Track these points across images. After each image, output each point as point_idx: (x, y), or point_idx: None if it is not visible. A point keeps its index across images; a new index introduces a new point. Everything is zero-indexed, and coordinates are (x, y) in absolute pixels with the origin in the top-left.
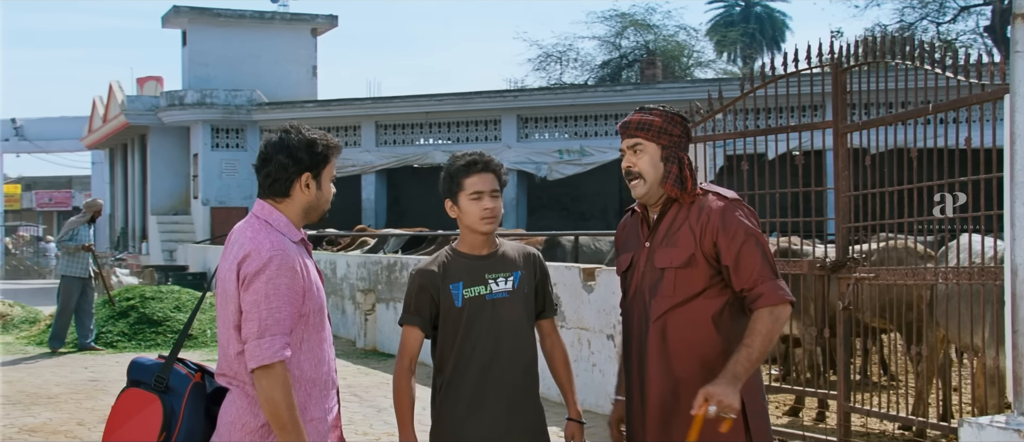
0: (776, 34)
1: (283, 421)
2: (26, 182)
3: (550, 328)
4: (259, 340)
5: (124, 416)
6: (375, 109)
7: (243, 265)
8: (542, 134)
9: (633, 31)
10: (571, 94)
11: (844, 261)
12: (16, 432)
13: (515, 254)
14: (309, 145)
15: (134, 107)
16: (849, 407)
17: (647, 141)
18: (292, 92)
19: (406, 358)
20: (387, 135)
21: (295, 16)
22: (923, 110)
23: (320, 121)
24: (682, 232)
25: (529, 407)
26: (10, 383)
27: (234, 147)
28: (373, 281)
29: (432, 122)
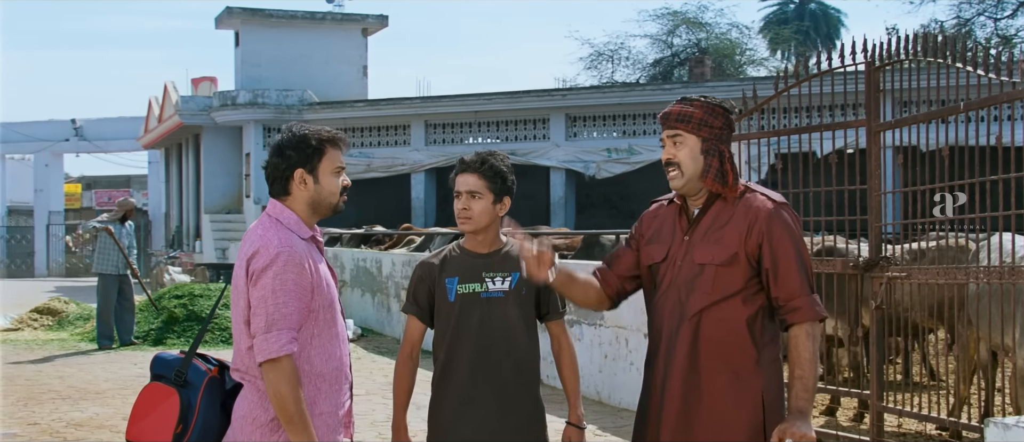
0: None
1: (290, 414)
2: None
3: (558, 330)
4: (266, 335)
5: (146, 409)
6: (424, 108)
7: (252, 262)
8: (590, 133)
9: (685, 29)
10: (619, 93)
11: (876, 260)
12: (63, 426)
13: (518, 255)
14: (299, 142)
15: (188, 107)
16: (882, 407)
17: (687, 133)
18: (343, 92)
19: (407, 346)
20: (436, 134)
21: (346, 16)
22: (954, 108)
23: (370, 120)
24: (727, 229)
25: (522, 407)
26: (61, 378)
27: None
28: None
29: (481, 121)
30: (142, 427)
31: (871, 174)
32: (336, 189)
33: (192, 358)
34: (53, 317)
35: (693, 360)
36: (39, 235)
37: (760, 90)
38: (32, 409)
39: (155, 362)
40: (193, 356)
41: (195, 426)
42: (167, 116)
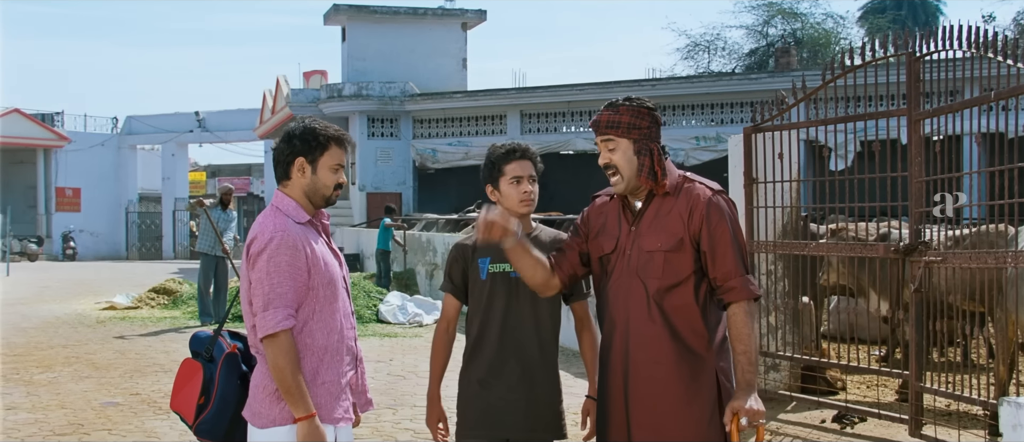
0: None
1: (287, 385)
2: (211, 170)
3: (582, 312)
4: (264, 313)
5: (181, 383)
6: (520, 99)
7: (250, 247)
8: (680, 121)
9: (780, 20)
10: (707, 83)
11: (916, 245)
12: (161, 396)
13: (547, 239)
14: (307, 134)
15: (297, 100)
16: (920, 387)
17: (618, 138)
18: (443, 84)
19: (444, 322)
20: (531, 123)
21: (446, 11)
22: (986, 97)
23: (468, 110)
24: (671, 217)
25: (545, 378)
26: (166, 353)
27: (388, 136)
28: None
29: (574, 110)
30: (178, 399)
31: (911, 161)
32: (331, 183)
33: (218, 337)
34: (168, 296)
35: (653, 340)
36: (166, 220)
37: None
38: (136, 380)
39: (192, 340)
40: (218, 335)
41: (215, 399)
42: (279, 108)
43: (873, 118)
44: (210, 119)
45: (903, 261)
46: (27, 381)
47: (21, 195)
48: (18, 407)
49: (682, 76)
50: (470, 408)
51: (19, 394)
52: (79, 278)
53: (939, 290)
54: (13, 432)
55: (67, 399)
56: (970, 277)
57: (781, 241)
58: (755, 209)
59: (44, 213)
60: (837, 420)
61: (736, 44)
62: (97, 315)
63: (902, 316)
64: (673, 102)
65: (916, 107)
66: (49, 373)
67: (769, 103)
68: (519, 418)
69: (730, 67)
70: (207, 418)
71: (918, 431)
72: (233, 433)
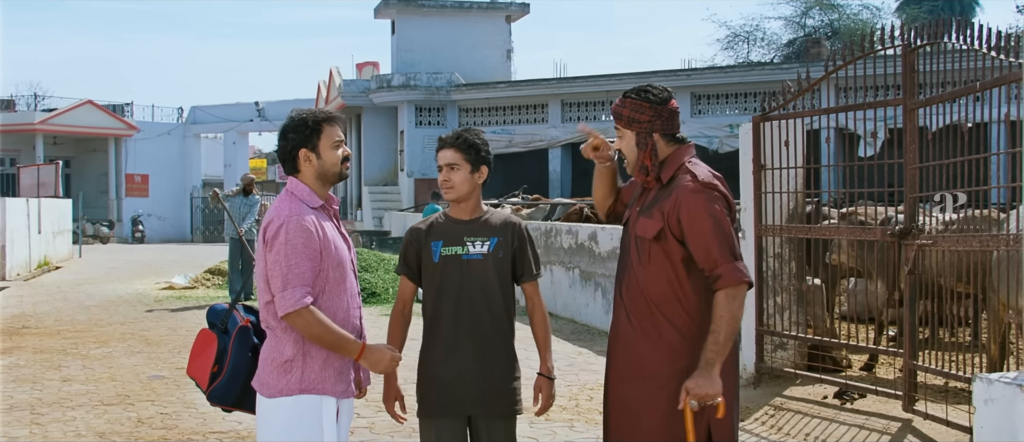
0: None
1: (331, 342)
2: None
3: (531, 291)
4: (283, 292)
5: (197, 352)
6: (560, 88)
7: (267, 230)
8: (714, 110)
9: (818, 11)
10: (740, 72)
11: (910, 228)
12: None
13: (497, 222)
14: (298, 125)
15: (349, 90)
16: (914, 365)
17: (623, 128)
18: (488, 74)
19: (399, 304)
20: (571, 112)
21: (491, 4)
22: (972, 88)
23: (511, 100)
24: (656, 207)
25: (500, 355)
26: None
27: (435, 124)
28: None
29: (612, 99)
30: (194, 366)
31: (907, 148)
32: (337, 160)
33: (232, 310)
34: (222, 277)
35: (626, 320)
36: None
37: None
38: (183, 355)
39: (209, 312)
40: (233, 308)
41: (227, 368)
42: (332, 98)
43: (871, 107)
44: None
45: (899, 244)
46: (84, 355)
47: (94, 181)
48: (73, 379)
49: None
50: (430, 388)
51: (75, 367)
52: (144, 260)
53: (931, 273)
54: (66, 401)
55: (118, 372)
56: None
57: (787, 225)
58: (763, 194)
59: (115, 198)
60: (838, 396)
61: (775, 35)
62: (156, 294)
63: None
64: (708, 91)
65: (912, 96)
66: (104, 348)
67: (776, 93)
68: (476, 395)
69: (768, 57)
70: (220, 385)
71: (911, 406)
72: (243, 399)
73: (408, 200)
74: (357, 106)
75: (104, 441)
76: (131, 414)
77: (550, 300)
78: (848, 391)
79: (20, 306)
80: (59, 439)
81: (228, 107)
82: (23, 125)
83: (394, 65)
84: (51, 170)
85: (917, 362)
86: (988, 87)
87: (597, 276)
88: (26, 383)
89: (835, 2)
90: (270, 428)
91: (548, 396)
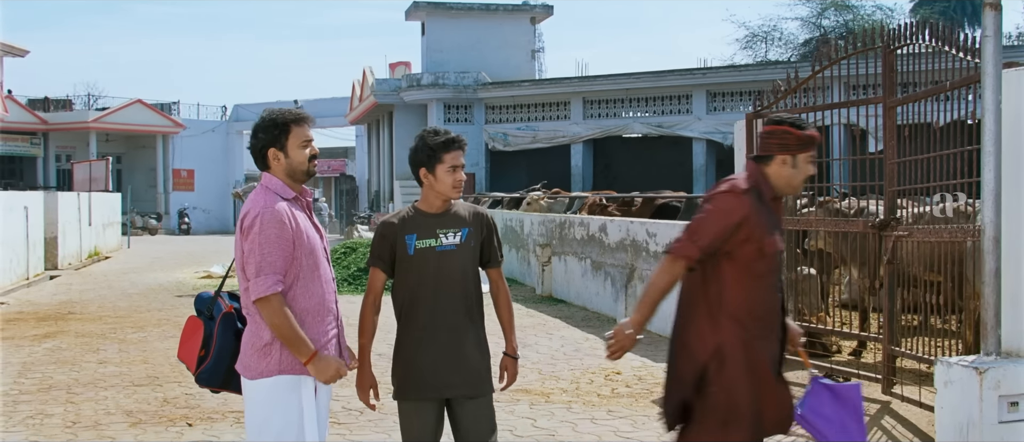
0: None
1: (286, 336)
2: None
3: (496, 276)
4: (256, 279)
5: (186, 337)
6: (582, 87)
7: (243, 221)
8: (729, 107)
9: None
10: (754, 71)
11: (888, 221)
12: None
13: (465, 213)
14: (269, 125)
15: (381, 89)
16: (892, 350)
17: (787, 156)
18: (513, 73)
19: (371, 295)
20: (593, 109)
21: (516, 7)
22: (942, 87)
23: (535, 97)
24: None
25: (473, 340)
26: None
27: (463, 121)
28: (549, 237)
29: (631, 97)
30: (184, 350)
31: (886, 144)
32: (304, 159)
33: (217, 297)
34: None
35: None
36: None
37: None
38: None
39: (197, 299)
40: (218, 296)
41: (213, 352)
42: (365, 96)
43: (853, 105)
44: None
45: (878, 236)
46: (121, 339)
47: (143, 176)
48: (109, 361)
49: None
50: (407, 372)
51: (112, 350)
52: (188, 250)
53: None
54: (100, 382)
55: (151, 355)
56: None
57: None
58: None
59: (162, 192)
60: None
61: (792, 35)
62: (194, 283)
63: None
64: (723, 89)
65: (891, 94)
66: (140, 332)
67: (767, 92)
68: (452, 378)
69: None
70: (206, 368)
71: (889, 389)
72: (229, 381)
73: None
74: (389, 104)
75: (131, 419)
76: (158, 394)
77: (564, 289)
78: (833, 375)
79: (68, 293)
80: (90, 416)
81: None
82: (78, 123)
83: (424, 65)
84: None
85: (896, 348)
86: (956, 87)
87: (606, 266)
88: (66, 365)
89: (850, 3)
90: (253, 407)
91: (512, 374)
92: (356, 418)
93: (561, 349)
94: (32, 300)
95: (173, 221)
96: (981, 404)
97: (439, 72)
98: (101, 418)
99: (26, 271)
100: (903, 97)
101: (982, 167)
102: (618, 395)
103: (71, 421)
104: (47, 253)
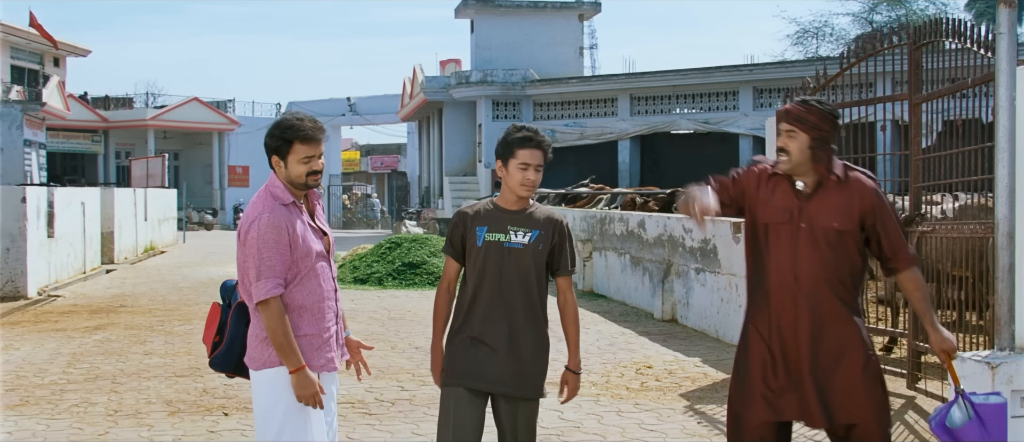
0: None
1: (279, 343)
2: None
3: (565, 286)
4: (256, 282)
5: (208, 322)
6: (629, 83)
7: (241, 225)
8: (775, 103)
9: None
10: (801, 67)
11: (913, 216)
12: None
13: (540, 216)
14: (275, 134)
15: (430, 86)
16: (917, 345)
17: (801, 131)
18: (561, 70)
19: (445, 282)
20: (640, 106)
21: (565, 4)
22: (963, 84)
23: (582, 94)
24: (843, 201)
25: (531, 341)
26: None
27: (511, 118)
28: (591, 232)
29: (678, 94)
30: (206, 335)
31: (912, 140)
32: (302, 173)
33: (236, 287)
34: None
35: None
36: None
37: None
38: None
39: (221, 287)
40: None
41: (226, 338)
42: (415, 94)
43: (880, 102)
44: (360, 104)
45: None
46: (167, 331)
47: (199, 172)
48: (154, 353)
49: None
50: (458, 359)
51: (158, 342)
52: None
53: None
54: (144, 372)
55: (195, 347)
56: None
57: None
58: None
59: (218, 188)
60: None
61: (843, 30)
62: None
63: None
64: (770, 85)
65: (917, 91)
66: (187, 325)
67: (792, 90)
68: (502, 375)
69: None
70: (219, 354)
71: (914, 384)
72: (240, 368)
73: (485, 189)
74: (438, 101)
75: (170, 408)
76: (198, 385)
77: (604, 284)
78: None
79: (122, 287)
80: (131, 405)
81: (322, 102)
82: (137, 121)
83: (472, 62)
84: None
85: (920, 343)
86: (978, 83)
87: (645, 261)
88: (113, 356)
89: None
90: (259, 398)
91: (573, 389)
92: (387, 409)
93: (596, 343)
94: (86, 293)
95: (228, 216)
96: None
97: (487, 69)
98: (141, 407)
99: (83, 265)
100: (928, 94)
101: (996, 163)
102: (647, 389)
103: (113, 410)
104: (104, 247)
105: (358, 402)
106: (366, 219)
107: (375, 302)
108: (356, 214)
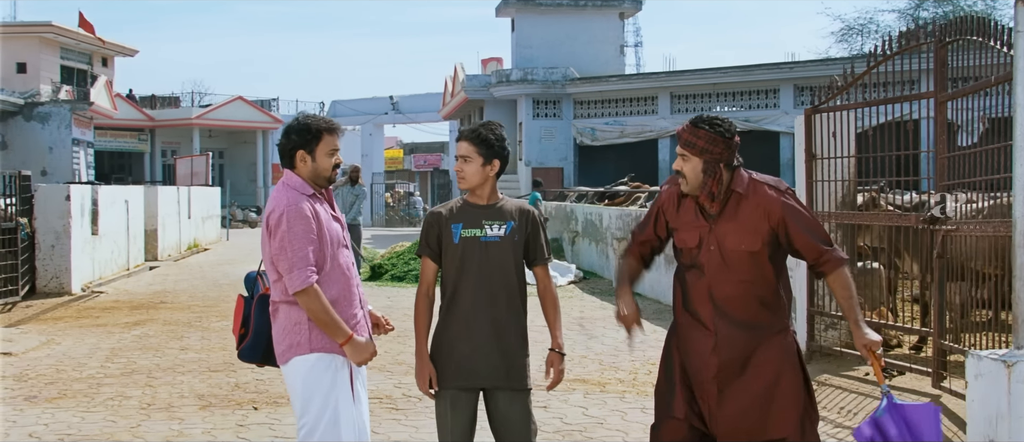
0: None
1: (325, 322)
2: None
3: (542, 274)
4: (290, 273)
5: (236, 314)
6: (669, 81)
7: (269, 219)
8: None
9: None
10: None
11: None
12: None
13: (512, 209)
14: (302, 129)
15: (471, 84)
16: (942, 344)
17: (692, 155)
18: (601, 69)
19: (424, 285)
20: (680, 104)
21: (605, 3)
22: (987, 82)
23: (622, 92)
24: (749, 217)
25: (514, 332)
26: None
27: (551, 116)
28: (626, 230)
29: (718, 92)
30: (234, 327)
31: (937, 139)
32: (328, 166)
33: (259, 277)
34: None
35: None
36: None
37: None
38: None
39: (245, 279)
40: (259, 276)
41: (252, 330)
42: (457, 92)
43: (905, 100)
44: (402, 102)
45: (930, 231)
46: (204, 327)
47: (243, 171)
48: (190, 348)
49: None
50: (447, 360)
51: (194, 338)
52: None
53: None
54: (179, 367)
55: (229, 342)
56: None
57: (836, 212)
58: (814, 183)
59: (262, 186)
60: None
61: (888, 27)
62: None
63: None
64: (810, 83)
65: (942, 89)
66: (224, 322)
67: (821, 88)
68: (491, 369)
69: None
70: (246, 346)
71: (939, 383)
72: (268, 358)
73: (525, 187)
74: (479, 99)
75: (202, 402)
76: (231, 379)
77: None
78: (887, 369)
79: (163, 283)
80: (164, 399)
81: (365, 101)
82: (182, 120)
83: (513, 61)
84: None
85: (946, 342)
86: (1000, 82)
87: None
88: (150, 351)
89: None
90: (293, 389)
91: (558, 370)
92: (414, 405)
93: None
94: (129, 289)
95: None
96: (1009, 397)
97: (528, 68)
98: (174, 401)
99: (127, 262)
100: (953, 92)
101: (1013, 162)
102: None
103: (147, 403)
104: (147, 245)
105: (385, 397)
106: (408, 217)
107: (410, 300)
108: (399, 212)
